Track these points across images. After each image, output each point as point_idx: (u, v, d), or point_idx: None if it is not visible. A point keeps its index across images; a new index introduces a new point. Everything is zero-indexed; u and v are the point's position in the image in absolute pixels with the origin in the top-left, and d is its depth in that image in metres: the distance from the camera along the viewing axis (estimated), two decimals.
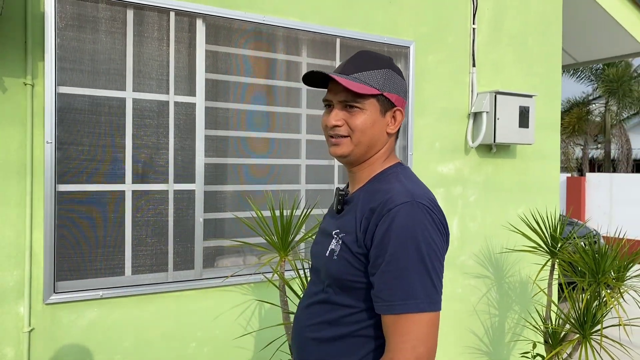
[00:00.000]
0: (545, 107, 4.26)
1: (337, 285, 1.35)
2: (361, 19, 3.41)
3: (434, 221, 1.26)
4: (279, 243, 2.59)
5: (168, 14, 2.83)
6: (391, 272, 1.21)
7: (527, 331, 4.13)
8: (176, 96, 2.87)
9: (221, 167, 3.04)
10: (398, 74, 1.41)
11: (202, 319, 2.92)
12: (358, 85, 1.35)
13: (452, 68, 3.81)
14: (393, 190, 1.30)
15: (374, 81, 1.37)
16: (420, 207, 1.25)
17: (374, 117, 1.38)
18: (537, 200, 4.24)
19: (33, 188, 2.49)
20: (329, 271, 1.37)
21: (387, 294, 1.22)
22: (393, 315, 1.21)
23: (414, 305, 1.19)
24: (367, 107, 1.37)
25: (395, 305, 1.20)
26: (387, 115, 1.40)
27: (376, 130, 1.39)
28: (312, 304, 1.44)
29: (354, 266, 1.30)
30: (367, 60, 1.40)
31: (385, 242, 1.23)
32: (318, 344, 1.38)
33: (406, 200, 1.25)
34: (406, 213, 1.23)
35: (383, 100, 1.38)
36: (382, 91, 1.37)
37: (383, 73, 1.38)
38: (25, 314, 2.48)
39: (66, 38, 2.59)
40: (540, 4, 4.24)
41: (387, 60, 1.42)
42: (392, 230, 1.22)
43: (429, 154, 3.72)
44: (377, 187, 1.36)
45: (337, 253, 1.34)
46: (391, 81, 1.39)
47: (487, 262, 4.02)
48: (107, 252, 2.71)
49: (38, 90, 2.49)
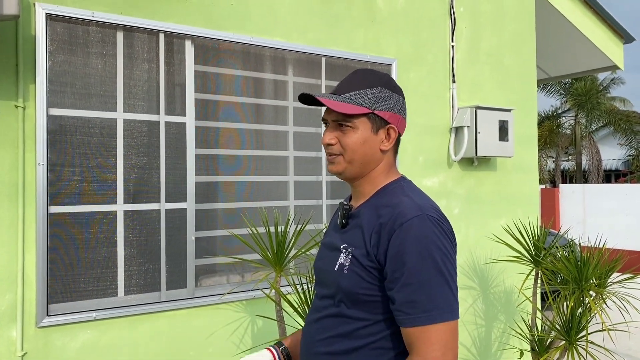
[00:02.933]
0: (523, 121, 4.40)
1: (349, 299, 1.37)
2: (344, 38, 3.49)
3: (444, 231, 1.30)
4: (274, 259, 2.61)
5: (157, 36, 2.86)
6: (412, 285, 1.24)
7: (513, 340, 4.21)
8: (166, 116, 2.89)
9: (212, 185, 3.06)
10: (393, 91, 1.43)
11: (195, 337, 2.92)
12: (345, 106, 1.39)
13: (433, 84, 3.92)
14: (402, 204, 1.33)
15: (364, 100, 1.40)
16: (430, 219, 1.28)
17: (365, 136, 1.41)
18: (518, 212, 4.35)
19: (25, 210, 2.48)
20: (340, 285, 1.38)
21: (409, 307, 1.25)
22: (418, 327, 1.24)
23: (437, 316, 1.23)
24: (358, 125, 1.40)
25: (420, 317, 1.24)
26: (380, 132, 1.41)
27: (368, 148, 1.41)
28: (323, 318, 1.44)
29: (365, 280, 1.32)
30: (361, 79, 1.44)
31: (401, 256, 1.26)
32: (331, 358, 1.39)
33: (417, 213, 1.29)
34: (418, 226, 1.27)
35: (375, 118, 1.40)
36: (373, 109, 1.40)
37: (375, 91, 1.41)
38: (18, 338, 2.45)
39: (57, 60, 2.60)
40: (515, 23, 4.40)
41: (383, 77, 1.44)
42: (406, 244, 1.26)
43: (413, 168, 3.80)
44: (383, 202, 1.39)
45: (348, 267, 1.36)
46: (383, 99, 1.41)
47: (472, 273, 4.10)
48: (99, 273, 2.70)
49: (29, 113, 2.50)
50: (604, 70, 5.65)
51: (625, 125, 19.68)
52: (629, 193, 12.11)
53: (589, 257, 3.25)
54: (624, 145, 21.32)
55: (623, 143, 21.18)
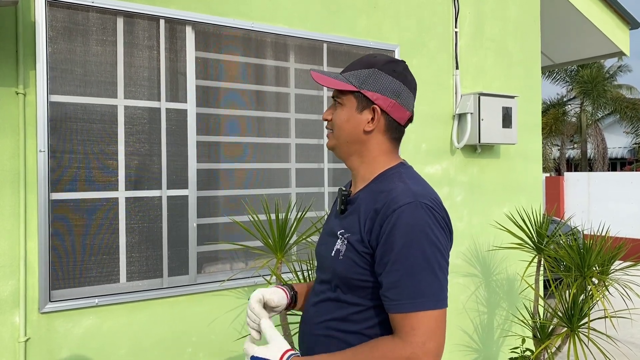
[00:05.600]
0: (526, 109, 4.36)
1: (344, 284, 1.38)
2: (346, 24, 3.47)
3: (437, 220, 1.29)
4: (275, 245, 2.62)
5: (158, 22, 2.85)
6: (398, 271, 1.25)
7: (515, 327, 4.21)
8: (167, 103, 2.88)
9: (213, 172, 3.06)
10: (390, 75, 1.41)
11: (197, 324, 2.93)
12: (330, 80, 1.43)
13: (435, 71, 3.89)
14: (396, 190, 1.33)
15: (354, 78, 1.42)
16: (423, 206, 1.28)
17: (350, 114, 1.43)
18: (521, 199, 4.34)
19: (26, 197, 2.49)
20: (335, 271, 1.40)
21: (395, 292, 1.26)
22: (402, 313, 1.25)
23: (421, 304, 1.23)
24: (345, 102, 1.44)
25: (404, 304, 1.24)
26: (365, 112, 1.41)
27: (352, 126, 1.43)
28: (320, 302, 1.47)
29: (359, 265, 1.34)
30: (363, 60, 1.46)
31: (390, 242, 1.27)
32: (328, 340, 1.41)
33: (409, 200, 1.28)
34: (410, 213, 1.27)
35: (361, 97, 1.41)
36: (360, 88, 1.41)
37: (368, 72, 1.41)
38: (21, 323, 2.47)
39: (57, 47, 2.59)
40: (519, 8, 4.35)
41: (383, 60, 1.44)
42: (396, 230, 1.26)
43: (415, 156, 3.78)
44: (380, 188, 1.39)
45: (343, 253, 1.38)
46: (374, 79, 1.41)
47: (475, 261, 4.10)
48: (101, 259, 2.71)
49: (30, 99, 2.49)
50: (609, 56, 5.59)
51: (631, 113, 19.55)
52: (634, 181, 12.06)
53: (592, 244, 3.24)
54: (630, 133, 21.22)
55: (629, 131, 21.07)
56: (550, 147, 21.04)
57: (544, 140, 20.15)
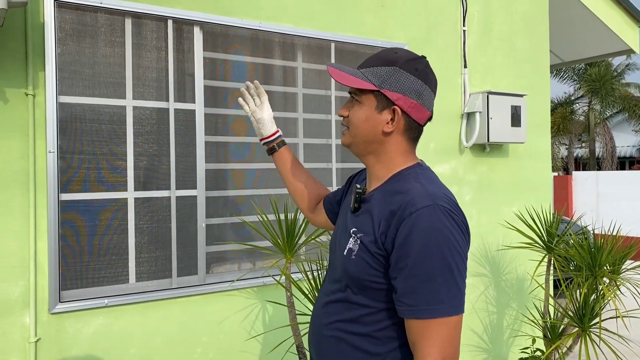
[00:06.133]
0: (535, 107, 4.34)
1: (355, 285, 1.36)
2: (353, 23, 3.45)
3: (455, 222, 1.25)
4: (284, 245, 2.61)
5: (166, 22, 2.85)
6: (416, 276, 1.21)
7: (525, 327, 4.18)
8: (176, 103, 2.89)
9: (222, 172, 3.06)
10: (412, 74, 1.35)
11: (206, 324, 2.93)
12: (349, 78, 1.37)
13: (443, 70, 3.87)
14: (412, 192, 1.28)
15: (374, 77, 1.36)
16: (441, 209, 1.24)
17: (368, 113, 1.38)
18: (530, 198, 4.31)
19: (36, 198, 2.49)
20: (347, 270, 1.37)
21: (412, 298, 1.22)
22: (419, 320, 1.21)
23: (439, 310, 1.19)
24: (364, 101, 1.39)
25: (421, 310, 1.21)
26: (385, 113, 1.37)
27: (370, 126, 1.38)
28: (330, 303, 1.44)
29: (372, 267, 1.30)
30: (383, 56, 1.40)
31: (407, 246, 1.22)
32: (337, 342, 1.39)
33: (428, 203, 1.24)
34: (428, 216, 1.23)
35: (381, 97, 1.36)
36: (380, 88, 1.35)
37: (389, 70, 1.36)
38: (31, 324, 2.47)
39: (66, 48, 2.60)
40: (527, 6, 4.33)
41: (405, 58, 1.37)
42: (414, 234, 1.22)
43: (424, 155, 3.77)
44: (395, 188, 1.35)
45: (355, 253, 1.34)
46: (395, 79, 1.35)
47: (484, 261, 4.08)
48: (111, 259, 2.72)
49: (39, 100, 2.50)
50: (618, 54, 5.54)
51: None
52: None
53: (603, 243, 3.21)
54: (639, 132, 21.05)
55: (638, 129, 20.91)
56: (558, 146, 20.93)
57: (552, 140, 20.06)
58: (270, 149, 1.93)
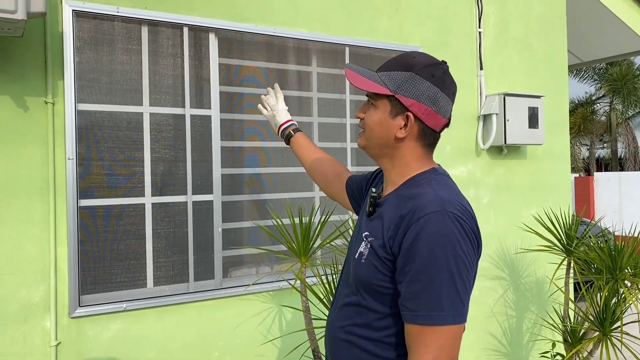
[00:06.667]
0: (553, 108, 4.29)
1: (365, 289, 1.36)
2: (367, 27, 3.46)
3: (464, 230, 1.23)
4: (299, 249, 2.62)
5: (181, 30, 2.88)
6: (419, 282, 1.21)
7: (545, 331, 4.13)
8: (192, 109, 2.92)
9: (238, 177, 3.08)
10: (428, 80, 1.34)
11: (223, 328, 2.95)
12: (365, 82, 1.38)
13: (459, 72, 3.85)
14: (423, 197, 1.28)
15: (390, 81, 1.36)
16: (450, 215, 1.22)
17: (382, 117, 1.38)
18: (549, 200, 4.26)
19: (56, 204, 2.54)
20: (357, 274, 1.38)
21: (413, 303, 1.22)
22: (418, 325, 1.21)
23: (439, 318, 1.19)
24: (379, 105, 1.39)
25: (421, 315, 1.20)
26: (399, 118, 1.36)
27: (383, 131, 1.38)
28: (344, 306, 1.45)
29: (380, 271, 1.30)
30: (400, 61, 1.39)
31: (413, 251, 1.22)
32: (350, 346, 1.40)
33: (436, 209, 1.23)
34: (435, 222, 1.22)
35: (395, 102, 1.36)
36: (395, 93, 1.35)
37: (405, 75, 1.35)
38: (52, 328, 2.52)
39: (84, 56, 2.65)
40: (544, 6, 4.28)
41: (422, 63, 1.36)
42: (420, 239, 1.21)
43: (440, 158, 3.75)
44: (408, 193, 1.34)
45: (365, 257, 1.34)
46: (410, 84, 1.34)
47: (503, 264, 4.04)
48: (129, 264, 2.75)
49: (58, 109, 2.55)
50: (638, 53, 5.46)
51: None
52: None
53: (624, 246, 3.16)
54: None
55: None
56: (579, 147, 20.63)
57: (572, 140, 19.78)
58: (287, 135, 2.12)
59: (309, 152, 2.03)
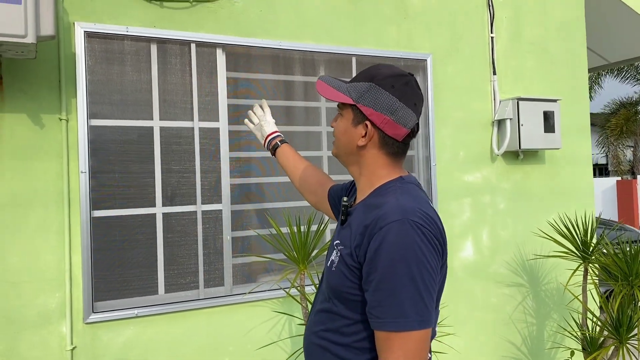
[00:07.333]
0: (573, 111, 4.21)
1: (335, 296, 1.41)
2: (375, 36, 3.50)
3: (426, 237, 1.26)
4: (298, 257, 2.67)
5: (189, 46, 3.00)
6: (383, 290, 1.24)
7: (568, 339, 4.03)
8: (200, 122, 3.02)
9: (245, 187, 3.17)
10: (387, 90, 1.39)
11: (234, 333, 3.03)
12: (330, 91, 1.46)
13: (472, 77, 3.84)
14: (386, 206, 1.31)
15: (353, 91, 1.43)
16: (411, 224, 1.25)
17: (347, 126, 1.46)
18: (571, 205, 4.17)
19: (70, 215, 2.68)
20: (328, 282, 1.43)
21: (378, 311, 1.25)
22: (384, 332, 1.25)
23: (403, 324, 1.22)
24: (345, 114, 1.47)
25: (387, 322, 1.24)
26: (360, 127, 1.42)
27: (347, 139, 1.46)
28: (319, 312, 1.50)
29: (349, 279, 1.34)
30: (366, 72, 1.46)
31: (376, 260, 1.25)
32: (322, 351, 1.45)
33: (397, 218, 1.26)
34: (396, 231, 1.25)
35: (357, 111, 1.42)
36: (357, 102, 1.41)
37: (366, 86, 1.41)
38: (67, 333, 2.65)
39: (96, 74, 2.79)
40: (561, 9, 4.22)
41: (383, 74, 1.42)
42: (382, 249, 1.24)
43: (453, 164, 3.74)
44: (374, 202, 1.38)
45: (336, 265, 1.39)
46: (370, 94, 1.40)
47: (521, 270, 3.98)
48: (140, 272, 2.87)
49: (72, 124, 2.69)
50: None
51: None
52: None
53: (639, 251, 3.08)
54: None
55: None
56: (622, 148, 19.91)
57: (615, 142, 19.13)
58: (273, 145, 2.18)
59: (294, 162, 2.09)
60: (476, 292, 3.79)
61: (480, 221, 3.82)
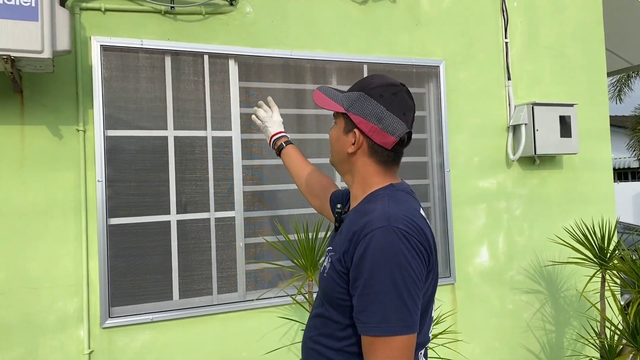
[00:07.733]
0: (591, 115, 4.15)
1: (327, 301, 1.44)
2: (387, 44, 3.52)
3: (410, 244, 1.28)
4: (305, 264, 2.71)
5: (202, 57, 3.07)
6: (367, 295, 1.27)
7: (588, 348, 3.96)
8: (213, 131, 3.09)
9: (258, 194, 3.22)
10: (375, 99, 1.43)
11: (246, 339, 3.08)
12: (324, 100, 1.52)
13: (485, 83, 3.83)
14: (373, 213, 1.35)
15: (345, 101, 1.48)
16: (395, 230, 1.28)
17: (339, 134, 1.51)
18: (590, 211, 4.11)
19: (88, 223, 2.77)
20: (321, 286, 1.48)
21: (364, 315, 1.29)
22: (369, 336, 1.28)
23: (386, 329, 1.25)
24: (338, 123, 1.52)
25: (371, 327, 1.27)
26: (350, 135, 1.47)
27: (339, 146, 1.51)
28: (314, 317, 1.54)
29: (338, 284, 1.38)
30: (359, 82, 1.52)
31: (361, 266, 1.29)
32: (317, 355, 1.48)
33: (382, 225, 1.29)
34: (380, 238, 1.28)
35: (348, 120, 1.47)
36: (347, 111, 1.46)
37: (356, 95, 1.47)
38: (85, 337, 2.73)
39: (112, 86, 2.88)
40: (578, 12, 4.18)
41: (372, 84, 1.46)
42: (367, 255, 1.28)
43: (467, 170, 3.73)
44: (364, 209, 1.42)
45: (327, 270, 1.44)
46: (359, 103, 1.45)
47: (539, 277, 3.93)
48: (156, 278, 2.94)
49: (89, 135, 2.79)
50: None
51: None
52: None
53: None
54: None
55: None
56: None
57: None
58: (278, 146, 2.22)
59: (299, 165, 2.14)
60: (492, 299, 3.76)
61: (495, 227, 3.79)
